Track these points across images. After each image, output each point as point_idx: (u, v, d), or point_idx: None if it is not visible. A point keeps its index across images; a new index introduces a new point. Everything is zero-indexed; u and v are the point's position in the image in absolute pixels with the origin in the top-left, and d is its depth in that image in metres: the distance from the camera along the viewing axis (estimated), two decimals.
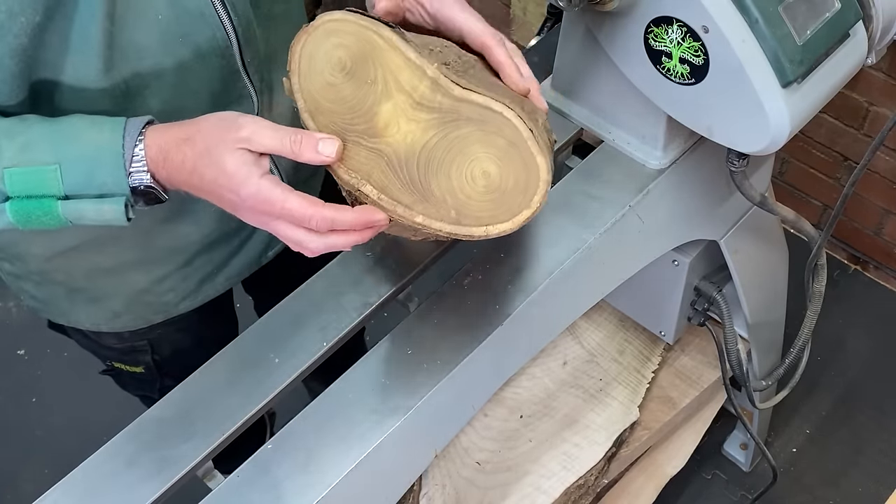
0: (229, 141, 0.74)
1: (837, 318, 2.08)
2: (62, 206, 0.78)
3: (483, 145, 0.72)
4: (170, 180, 0.79)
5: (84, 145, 0.77)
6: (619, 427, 1.42)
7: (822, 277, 1.28)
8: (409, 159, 0.73)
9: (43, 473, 1.99)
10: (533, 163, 0.72)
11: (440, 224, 0.74)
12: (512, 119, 0.72)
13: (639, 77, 1.00)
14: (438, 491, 1.31)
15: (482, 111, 0.72)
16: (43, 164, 0.77)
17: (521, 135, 0.72)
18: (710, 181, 1.18)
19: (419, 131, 0.73)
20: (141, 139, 0.78)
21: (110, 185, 0.77)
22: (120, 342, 1.18)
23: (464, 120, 0.72)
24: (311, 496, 0.87)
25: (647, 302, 1.44)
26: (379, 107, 0.72)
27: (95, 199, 0.78)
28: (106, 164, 0.77)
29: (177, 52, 0.87)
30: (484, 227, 0.74)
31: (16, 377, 2.15)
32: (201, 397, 0.94)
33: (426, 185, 0.74)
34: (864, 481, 1.90)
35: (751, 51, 0.90)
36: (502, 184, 0.73)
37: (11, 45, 0.78)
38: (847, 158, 2.02)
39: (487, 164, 0.72)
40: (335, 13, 0.75)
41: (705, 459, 1.91)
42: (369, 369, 0.95)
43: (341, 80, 0.74)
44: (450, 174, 0.73)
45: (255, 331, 0.99)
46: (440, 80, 0.72)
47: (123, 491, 0.88)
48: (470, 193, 0.73)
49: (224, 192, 0.76)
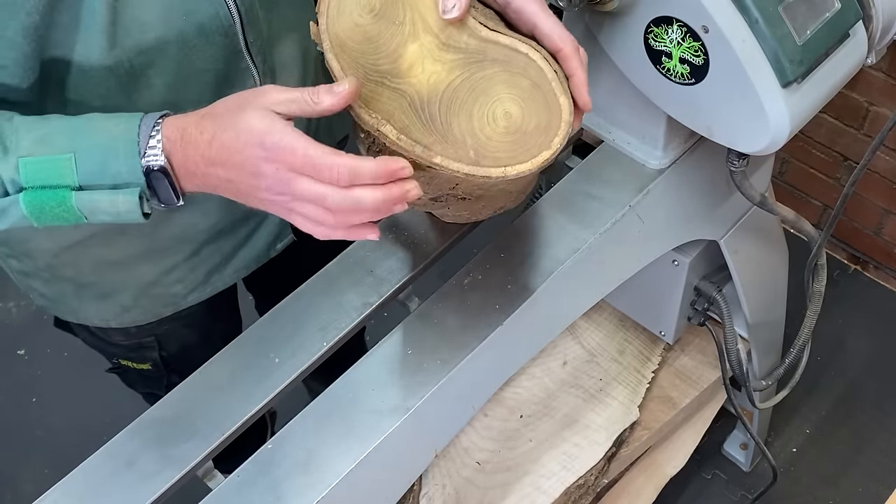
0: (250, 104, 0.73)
1: (837, 318, 2.08)
2: (76, 197, 0.77)
3: (507, 86, 0.72)
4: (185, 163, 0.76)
5: (100, 135, 0.76)
6: (619, 427, 1.42)
7: (822, 277, 1.28)
8: (432, 99, 0.73)
9: (43, 473, 1.99)
10: (556, 104, 0.72)
11: (458, 165, 0.73)
12: (537, 60, 0.72)
13: (639, 77, 1.00)
14: (438, 491, 1.31)
15: (508, 52, 0.72)
16: (59, 154, 0.76)
17: (545, 76, 0.72)
18: (710, 181, 1.18)
19: (444, 72, 0.73)
20: (157, 128, 0.76)
21: (125, 175, 0.76)
22: (127, 338, 1.19)
23: (489, 61, 0.72)
24: (311, 496, 0.87)
25: (647, 302, 1.44)
26: (405, 48, 0.72)
27: (110, 189, 0.77)
28: (120, 151, 0.76)
29: (180, 29, 0.87)
30: (502, 168, 0.74)
31: (16, 377, 2.15)
32: (201, 397, 0.94)
33: (447, 126, 0.74)
34: (864, 481, 1.90)
35: (751, 51, 0.90)
36: (524, 124, 0.73)
37: (24, 24, 0.78)
38: (847, 158, 2.02)
39: (510, 105, 0.72)
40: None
41: (705, 459, 1.91)
42: (369, 369, 0.95)
43: (369, 20, 0.74)
44: (472, 114, 0.73)
45: (255, 331, 0.99)
46: (468, 21, 0.72)
47: (123, 491, 0.88)
48: (490, 134, 0.73)
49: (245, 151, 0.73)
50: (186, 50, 0.88)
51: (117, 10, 0.82)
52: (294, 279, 1.02)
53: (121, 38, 0.84)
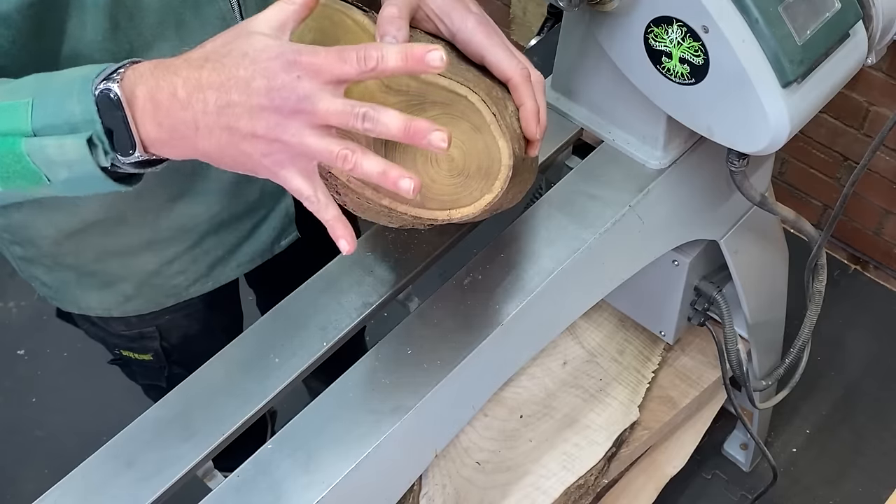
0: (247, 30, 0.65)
1: (837, 318, 2.08)
2: (25, 144, 0.67)
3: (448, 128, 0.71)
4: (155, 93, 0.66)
5: (62, 78, 0.69)
6: (619, 427, 1.42)
7: (822, 277, 1.28)
8: (377, 142, 0.72)
9: (43, 473, 1.99)
10: (495, 147, 0.71)
11: (405, 207, 0.74)
12: (476, 103, 0.71)
13: (639, 77, 1.00)
14: (438, 491, 1.31)
15: (447, 94, 0.71)
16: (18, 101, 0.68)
17: (484, 119, 0.71)
18: (710, 181, 1.18)
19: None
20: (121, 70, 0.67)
21: (78, 114, 0.66)
22: (128, 328, 1.19)
23: (430, 103, 0.72)
24: (311, 496, 0.87)
25: (647, 302, 1.44)
26: (349, 92, 0.70)
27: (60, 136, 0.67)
28: (76, 89, 0.67)
29: (178, 14, 0.87)
30: (447, 211, 0.74)
31: (16, 377, 2.15)
32: (201, 397, 0.94)
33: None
34: (864, 481, 1.90)
35: (751, 51, 0.90)
36: (465, 167, 0.72)
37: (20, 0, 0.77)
38: (847, 158, 2.02)
39: (451, 148, 0.70)
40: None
41: (705, 459, 1.91)
42: (369, 369, 0.95)
43: None
44: (415, 157, 0.73)
45: (255, 331, 0.99)
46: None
47: (123, 491, 0.88)
48: (434, 177, 0.73)
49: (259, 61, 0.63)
50: (184, 34, 0.88)
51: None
52: (296, 278, 1.02)
53: (122, 21, 0.84)
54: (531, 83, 0.79)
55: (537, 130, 0.79)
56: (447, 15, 0.79)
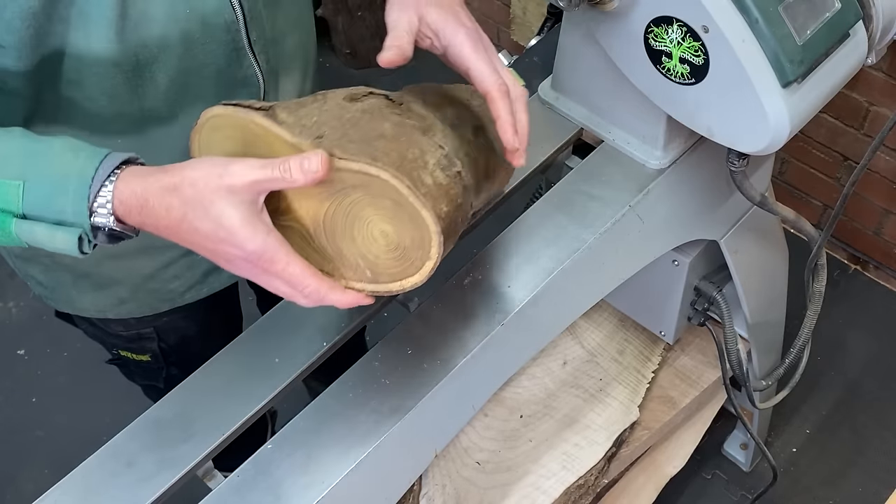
0: (223, 190, 0.71)
1: (837, 318, 2.08)
2: (16, 225, 0.74)
3: (374, 208, 0.74)
4: (144, 225, 0.75)
5: (54, 167, 0.73)
6: (619, 427, 1.42)
7: (822, 277, 1.28)
8: (317, 231, 0.76)
9: (43, 473, 1.99)
10: (420, 218, 0.73)
11: (361, 284, 0.78)
12: (389, 180, 0.72)
13: (639, 77, 1.00)
14: (438, 491, 1.31)
15: (362, 177, 0.73)
16: (8, 178, 0.73)
17: (401, 193, 0.73)
18: (710, 181, 1.18)
19: (316, 204, 0.75)
20: (113, 179, 0.73)
21: (69, 215, 0.73)
22: (126, 329, 1.19)
23: (350, 187, 0.74)
24: (311, 496, 0.87)
25: (647, 302, 1.44)
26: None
27: (51, 224, 0.73)
28: (69, 191, 0.73)
29: (184, 25, 0.87)
30: (399, 283, 0.78)
31: (16, 377, 2.15)
32: (201, 397, 0.94)
33: (339, 252, 0.77)
34: (864, 481, 1.90)
35: (751, 51, 0.90)
36: (401, 241, 0.75)
37: (22, 7, 0.78)
38: (847, 158, 2.02)
39: (383, 225, 0.74)
40: (214, 108, 0.77)
41: (705, 459, 1.91)
42: (369, 369, 0.95)
43: None
44: (354, 238, 0.76)
45: (255, 331, 0.99)
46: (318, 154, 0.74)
47: (123, 491, 0.88)
48: (377, 253, 0.76)
49: (222, 245, 0.73)
50: (189, 45, 0.89)
51: (126, 3, 0.82)
52: None
53: (128, 33, 0.84)
54: (509, 98, 0.83)
55: (514, 140, 0.82)
56: (441, 30, 0.84)
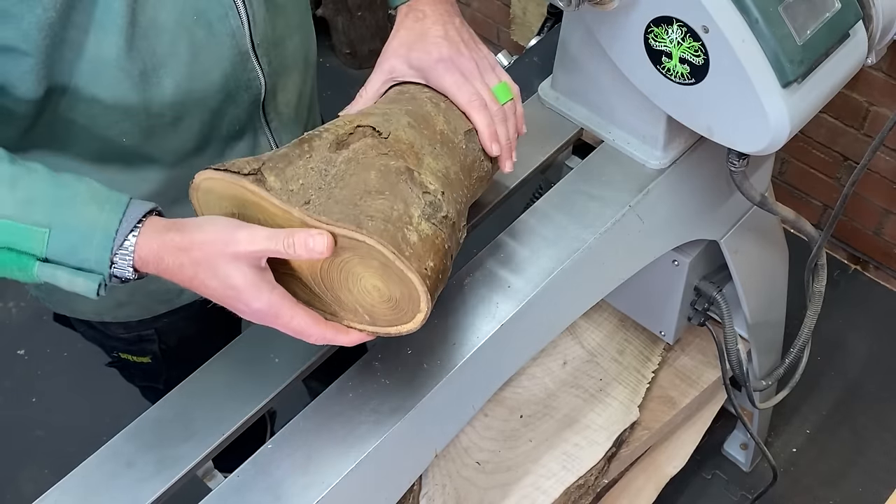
0: (228, 256, 0.75)
1: (837, 318, 2.08)
2: (38, 268, 0.76)
3: (363, 266, 0.77)
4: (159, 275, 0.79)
5: (80, 218, 0.76)
6: (619, 427, 1.42)
7: (822, 277, 1.28)
8: (316, 278, 0.80)
9: (43, 473, 1.99)
10: (406, 278, 0.76)
11: (363, 326, 0.82)
12: (375, 245, 0.75)
13: (639, 77, 1.00)
14: (438, 491, 1.31)
15: (350, 241, 0.76)
16: (35, 225, 0.76)
17: (387, 257, 0.75)
18: (710, 181, 1.18)
19: (311, 261, 0.78)
20: (135, 233, 0.77)
21: (91, 263, 0.77)
22: (127, 331, 1.19)
23: (340, 248, 0.77)
24: (311, 496, 0.87)
25: (647, 302, 1.44)
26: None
27: (72, 269, 0.77)
28: (94, 244, 0.76)
29: (191, 31, 0.89)
30: (396, 328, 0.81)
31: (16, 377, 2.15)
32: (201, 397, 0.94)
33: (338, 299, 0.81)
34: (864, 481, 1.90)
35: (751, 51, 0.90)
36: (392, 294, 0.78)
37: (40, 18, 0.78)
38: (847, 158, 2.02)
39: (374, 280, 0.78)
40: (205, 172, 0.79)
41: (705, 459, 1.91)
42: (369, 369, 0.95)
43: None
44: (350, 290, 0.79)
45: (255, 331, 0.99)
46: (307, 219, 0.76)
47: (123, 491, 0.88)
48: (372, 303, 0.80)
49: (231, 301, 0.78)
50: (196, 51, 0.90)
51: (136, 11, 0.83)
52: None
53: (138, 40, 0.85)
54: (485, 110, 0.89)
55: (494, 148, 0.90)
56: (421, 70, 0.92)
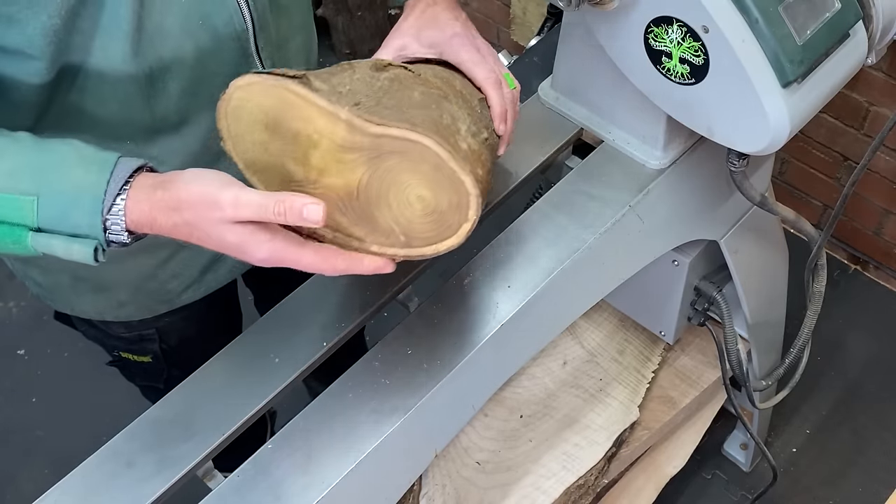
0: (215, 222, 0.74)
1: (837, 318, 2.08)
2: (32, 238, 0.76)
3: (411, 173, 0.75)
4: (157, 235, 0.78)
5: (67, 182, 0.75)
6: (619, 427, 1.42)
7: (822, 277, 1.28)
8: (350, 197, 0.77)
9: (43, 473, 1.99)
10: (458, 181, 0.75)
11: (393, 250, 0.78)
12: (430, 146, 0.74)
13: (639, 77, 1.00)
14: (438, 491, 1.31)
15: (401, 143, 0.74)
16: (22, 194, 0.75)
17: (441, 158, 0.74)
18: (710, 181, 1.18)
19: (350, 171, 0.76)
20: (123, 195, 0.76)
21: (84, 228, 0.76)
22: (128, 331, 1.19)
23: (387, 153, 0.75)
24: (311, 496, 0.87)
25: (647, 302, 1.44)
26: (309, 156, 0.75)
27: (67, 237, 0.76)
28: (84, 208, 0.75)
29: (196, 36, 0.89)
30: (433, 246, 0.78)
31: (16, 377, 2.15)
32: (201, 397, 0.94)
33: (372, 218, 0.78)
34: (864, 481, 1.90)
35: (751, 51, 0.90)
36: (438, 205, 0.76)
37: (45, 25, 0.79)
38: (847, 158, 2.02)
39: (420, 189, 0.76)
40: (244, 77, 0.77)
41: (705, 459, 1.91)
42: (369, 369, 0.95)
43: (268, 137, 0.76)
44: (389, 204, 0.77)
45: (255, 331, 0.99)
46: (354, 121, 0.75)
47: (123, 491, 0.88)
48: (411, 217, 0.77)
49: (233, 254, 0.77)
50: (202, 55, 0.90)
51: (142, 17, 0.84)
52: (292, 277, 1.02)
53: (144, 46, 0.86)
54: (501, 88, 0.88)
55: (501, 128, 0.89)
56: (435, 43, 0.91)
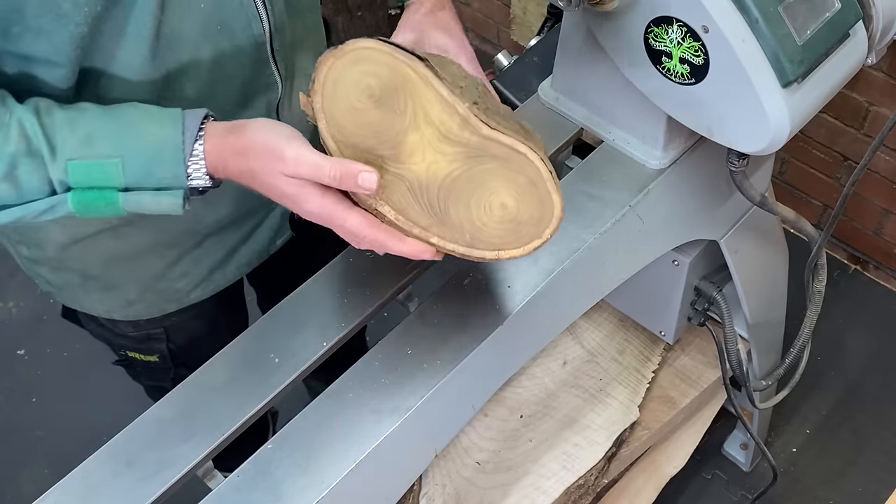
0: (276, 173, 0.78)
1: (837, 318, 2.08)
2: (122, 198, 0.81)
3: (505, 181, 0.77)
4: (229, 178, 0.83)
5: (145, 140, 0.80)
6: (619, 427, 1.42)
7: (822, 277, 1.28)
8: (431, 186, 0.78)
9: (43, 473, 1.99)
10: (549, 200, 0.78)
11: (454, 245, 0.80)
12: (535, 161, 0.76)
13: (639, 77, 1.00)
14: (438, 491, 1.31)
15: (507, 151, 0.76)
16: (105, 158, 0.79)
17: (541, 174, 0.77)
18: (710, 181, 1.18)
19: (444, 162, 0.77)
20: (200, 141, 0.81)
21: (169, 180, 0.80)
22: (136, 330, 1.19)
23: (489, 156, 0.77)
24: (311, 496, 0.87)
25: (647, 302, 1.44)
26: (405, 136, 0.76)
27: (154, 191, 0.81)
28: (166, 159, 0.80)
29: (214, 41, 0.90)
30: (496, 252, 0.80)
31: (16, 377, 2.15)
32: (201, 397, 0.94)
33: (444, 211, 0.78)
34: (864, 481, 1.90)
35: (751, 51, 0.90)
36: (518, 216, 0.78)
37: (72, 34, 0.80)
38: (847, 158, 2.02)
39: (506, 198, 0.77)
40: (367, 41, 0.77)
41: (705, 459, 1.91)
42: (369, 369, 0.95)
43: (368, 105, 0.76)
44: (469, 204, 0.78)
45: (255, 331, 0.99)
46: (470, 118, 0.76)
47: (123, 491, 0.88)
48: (486, 221, 0.79)
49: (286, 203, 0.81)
50: (219, 59, 0.91)
51: (162, 22, 0.84)
52: (295, 276, 1.03)
53: (163, 50, 0.86)
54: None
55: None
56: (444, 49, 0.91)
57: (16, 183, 0.79)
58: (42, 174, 0.79)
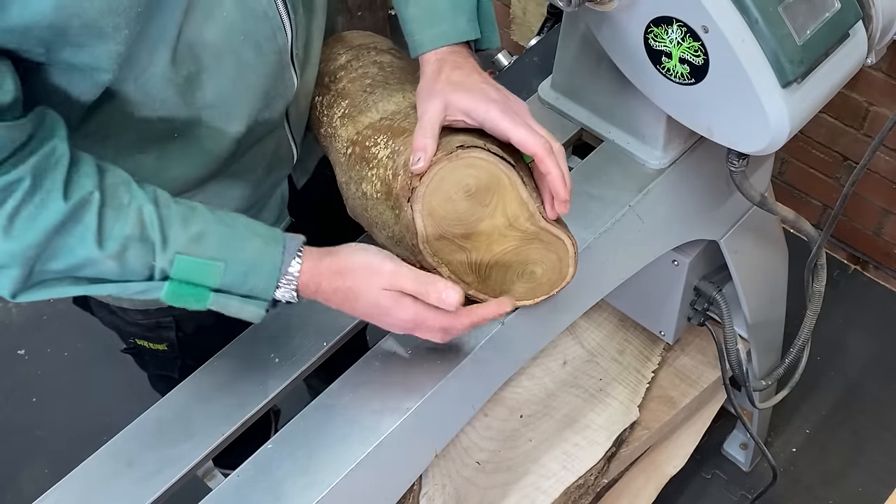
0: (374, 288, 0.87)
1: (837, 318, 2.08)
2: (213, 297, 0.85)
3: (541, 257, 0.92)
4: (315, 298, 0.89)
5: (247, 251, 0.86)
6: (619, 427, 1.43)
7: (822, 277, 1.28)
8: (485, 258, 0.92)
9: (43, 473, 1.99)
10: (567, 270, 0.93)
11: (484, 296, 0.94)
12: (569, 247, 0.91)
13: (639, 77, 1.00)
14: (438, 491, 1.31)
15: (552, 238, 0.91)
16: (210, 259, 0.84)
17: (569, 253, 0.92)
18: (710, 181, 1.18)
19: (503, 242, 0.91)
20: (298, 259, 0.87)
21: (259, 291, 0.86)
22: (146, 318, 1.19)
23: (537, 241, 0.91)
24: (311, 496, 0.87)
25: (647, 302, 1.44)
26: (481, 223, 0.89)
27: (242, 297, 0.86)
28: (263, 273, 0.86)
29: (238, 50, 0.90)
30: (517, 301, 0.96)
31: (16, 377, 2.15)
32: (202, 397, 0.94)
33: (487, 274, 0.92)
34: (864, 481, 1.90)
35: (751, 51, 0.90)
36: (540, 280, 0.94)
37: (111, 51, 0.81)
38: (847, 158, 2.02)
39: (537, 268, 0.93)
40: (481, 152, 0.88)
41: (705, 459, 1.91)
42: (369, 369, 0.95)
43: (462, 198, 0.88)
44: (507, 270, 0.92)
45: (255, 331, 0.99)
46: (536, 215, 0.89)
47: (123, 491, 0.88)
48: (516, 283, 0.94)
49: (377, 317, 0.89)
50: (241, 67, 0.91)
51: (183, 29, 0.84)
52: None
53: (184, 56, 0.87)
54: (554, 154, 0.90)
55: (565, 192, 0.91)
56: (472, 111, 0.91)
57: (122, 262, 0.83)
58: (147, 260, 0.83)
